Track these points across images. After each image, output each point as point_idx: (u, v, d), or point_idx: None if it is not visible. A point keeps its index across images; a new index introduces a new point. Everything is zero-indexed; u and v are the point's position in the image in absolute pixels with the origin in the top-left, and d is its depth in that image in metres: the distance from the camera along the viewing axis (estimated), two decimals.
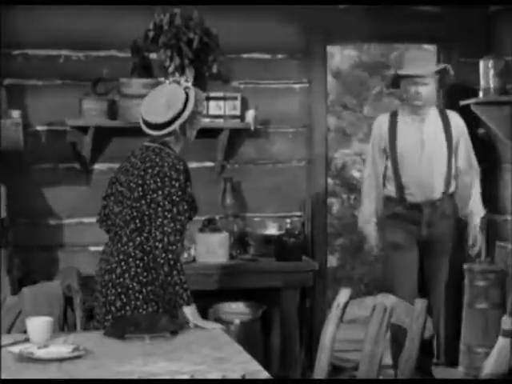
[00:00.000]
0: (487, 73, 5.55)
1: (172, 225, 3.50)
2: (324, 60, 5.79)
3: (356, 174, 9.06)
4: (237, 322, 5.25)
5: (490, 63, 5.53)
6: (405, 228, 5.15)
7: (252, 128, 5.47)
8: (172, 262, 3.48)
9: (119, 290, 3.57)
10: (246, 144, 5.66)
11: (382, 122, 5.27)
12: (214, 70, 5.44)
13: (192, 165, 5.40)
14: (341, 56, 9.67)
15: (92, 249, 5.24)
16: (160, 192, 3.53)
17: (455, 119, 5.21)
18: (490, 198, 5.85)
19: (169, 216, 3.51)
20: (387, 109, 6.35)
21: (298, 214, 5.73)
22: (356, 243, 8.63)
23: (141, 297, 3.54)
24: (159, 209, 3.52)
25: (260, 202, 5.68)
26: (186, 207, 3.57)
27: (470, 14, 5.85)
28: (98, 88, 5.26)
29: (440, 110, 5.27)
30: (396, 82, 5.19)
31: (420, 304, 3.10)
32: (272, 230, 5.57)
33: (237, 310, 5.31)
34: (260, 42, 5.60)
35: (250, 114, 5.48)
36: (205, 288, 4.95)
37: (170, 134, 3.66)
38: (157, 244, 3.49)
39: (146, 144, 3.72)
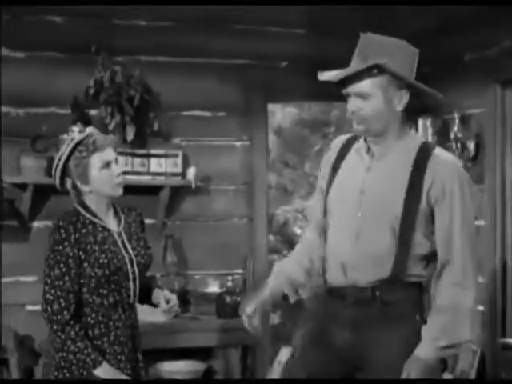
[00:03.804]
0: (426, 132, 5.64)
1: (53, 291, 3.27)
2: (265, 117, 5.82)
3: (298, 231, 9.08)
4: None
5: (429, 122, 5.62)
6: (321, 327, 3.20)
7: (193, 185, 5.45)
8: (60, 333, 3.26)
9: (45, 354, 3.43)
10: (187, 201, 5.64)
11: (335, 146, 3.33)
12: (155, 127, 5.44)
13: None
14: (282, 113, 9.76)
15: (29, 308, 5.14)
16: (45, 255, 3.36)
17: (438, 165, 3.04)
18: None
19: (48, 282, 3.29)
20: None
21: (240, 271, 5.70)
22: (297, 301, 8.60)
23: (53, 363, 3.35)
24: (43, 274, 3.33)
25: (201, 260, 5.64)
26: (64, 270, 3.27)
27: None
28: (37, 145, 5.20)
29: (420, 145, 3.12)
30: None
31: None
32: (213, 287, 5.53)
33: (178, 369, 5.24)
34: (201, 100, 5.62)
35: (191, 172, 5.47)
36: (145, 347, 4.87)
37: (62, 187, 3.44)
38: (43, 314, 3.29)
39: None
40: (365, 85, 3.04)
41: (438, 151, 3.12)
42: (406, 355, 2.99)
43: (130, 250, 3.44)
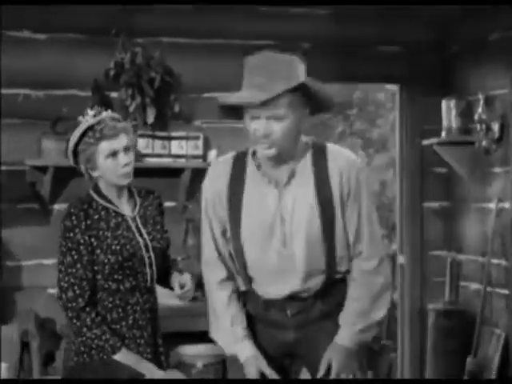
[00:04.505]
0: (449, 113, 5.57)
1: (66, 279, 3.24)
2: None
3: None
4: (199, 364, 5.15)
5: (452, 103, 5.56)
6: (264, 338, 3.19)
7: None
8: (75, 321, 3.24)
9: (66, 340, 3.42)
10: None
11: (219, 172, 3.17)
12: (176, 109, 5.41)
13: None
14: None
15: (51, 291, 5.12)
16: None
17: (339, 163, 3.05)
18: (453, 237, 5.87)
19: (62, 269, 3.26)
20: (350, 149, 6.29)
21: None
22: None
23: (73, 347, 3.31)
24: (57, 262, 3.31)
25: None
26: (76, 257, 3.24)
27: (432, 54, 5.88)
28: (58, 127, 5.18)
29: (313, 150, 3.09)
30: (232, 113, 3.18)
31: None
32: None
33: (199, 353, 5.21)
34: (222, 81, 5.55)
35: (213, 154, 5.43)
36: (166, 331, 4.85)
37: (78, 167, 3.39)
38: (58, 301, 3.27)
39: None
40: (280, 106, 2.92)
41: (331, 149, 3.10)
42: None
43: (145, 235, 3.39)
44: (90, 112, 3.36)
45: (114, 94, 5.30)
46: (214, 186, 3.15)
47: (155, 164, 5.32)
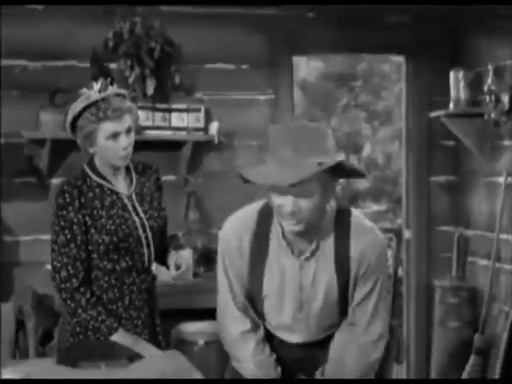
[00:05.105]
0: (457, 84, 5.47)
1: (60, 259, 3.15)
2: (290, 71, 5.65)
3: None
4: (201, 342, 5.09)
5: (461, 74, 5.45)
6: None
7: (216, 141, 5.32)
8: (69, 302, 3.16)
9: (62, 320, 3.34)
10: (210, 157, 5.50)
11: (242, 229, 3.05)
12: (177, 80, 5.30)
13: None
14: (307, 67, 9.58)
15: (49, 266, 5.03)
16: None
17: (361, 241, 2.96)
18: (461, 212, 5.78)
19: (56, 249, 3.17)
20: (354, 121, 6.15)
21: None
22: None
23: (69, 328, 3.24)
24: (50, 241, 3.22)
25: (225, 218, 5.47)
26: (69, 236, 3.15)
27: (439, 24, 5.76)
28: (56, 99, 5.08)
29: (338, 223, 2.98)
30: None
31: None
32: None
33: (201, 330, 5.15)
34: (224, 52, 5.47)
35: (214, 126, 5.34)
36: (167, 308, 4.77)
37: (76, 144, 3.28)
38: (52, 282, 3.20)
39: None
40: (310, 183, 2.75)
41: (356, 221, 2.99)
42: None
43: (142, 214, 3.29)
44: (96, 86, 3.21)
45: (113, 65, 5.19)
46: (235, 241, 3.03)
47: (155, 137, 5.23)
